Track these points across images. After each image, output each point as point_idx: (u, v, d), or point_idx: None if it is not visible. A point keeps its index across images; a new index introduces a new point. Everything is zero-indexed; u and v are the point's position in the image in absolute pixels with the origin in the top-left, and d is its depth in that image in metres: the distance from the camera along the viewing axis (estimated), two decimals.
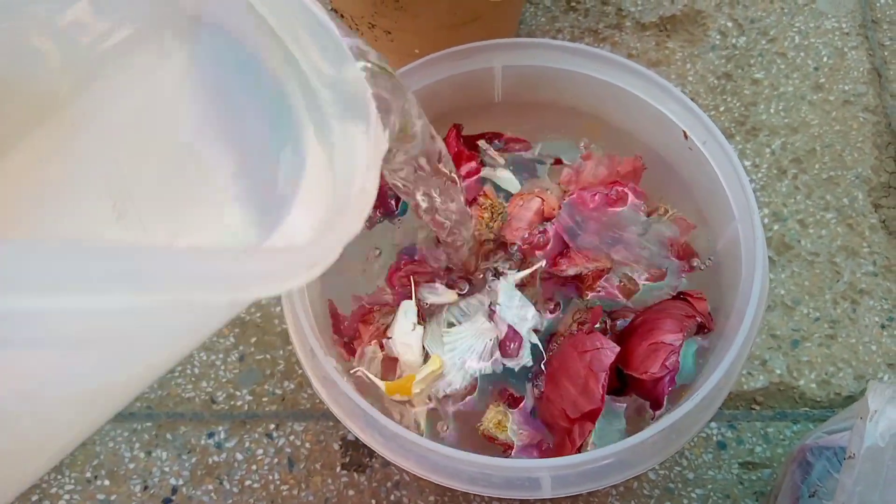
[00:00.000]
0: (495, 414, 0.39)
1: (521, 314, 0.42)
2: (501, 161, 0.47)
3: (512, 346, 0.41)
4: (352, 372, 0.40)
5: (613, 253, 0.43)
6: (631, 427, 0.39)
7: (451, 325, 0.42)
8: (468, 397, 0.41)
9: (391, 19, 0.51)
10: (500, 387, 0.41)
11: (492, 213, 0.44)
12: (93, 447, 0.50)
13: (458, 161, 0.46)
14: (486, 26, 0.54)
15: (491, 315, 0.42)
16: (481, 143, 0.47)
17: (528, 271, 0.43)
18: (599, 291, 0.42)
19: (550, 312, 0.42)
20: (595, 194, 0.44)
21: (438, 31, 0.53)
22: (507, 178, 0.47)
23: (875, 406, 0.38)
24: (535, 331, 0.42)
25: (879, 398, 0.38)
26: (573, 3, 0.65)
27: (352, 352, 0.41)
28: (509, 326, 0.41)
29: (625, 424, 0.39)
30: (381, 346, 0.41)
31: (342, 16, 0.56)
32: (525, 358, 0.41)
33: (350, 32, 0.26)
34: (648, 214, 0.45)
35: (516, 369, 0.41)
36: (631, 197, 0.45)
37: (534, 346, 0.41)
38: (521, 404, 0.40)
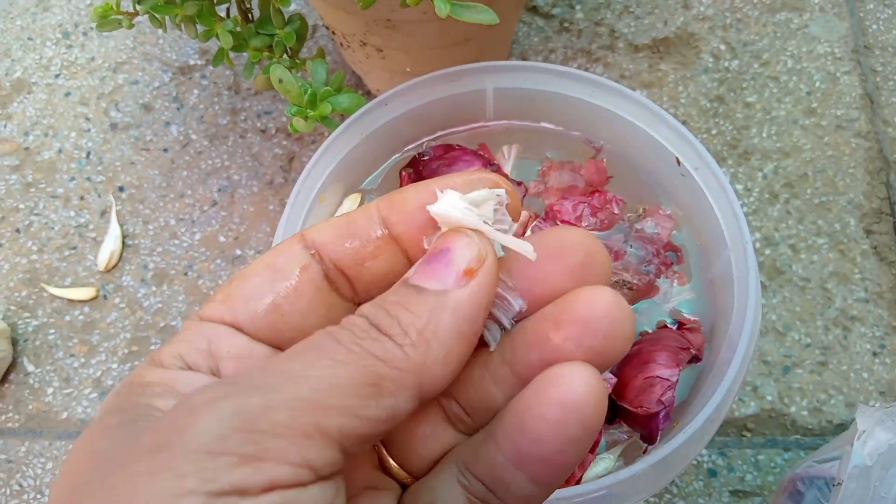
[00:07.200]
0: None
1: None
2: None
3: None
4: None
5: None
6: (623, 455, 0.38)
7: None
8: None
9: (383, 38, 0.51)
10: None
11: None
12: None
13: None
14: (479, 46, 0.54)
15: None
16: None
17: None
18: None
19: None
20: (577, 203, 0.43)
21: (430, 50, 0.52)
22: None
23: (864, 426, 0.38)
24: None
25: (868, 419, 0.38)
26: (566, 24, 0.65)
27: None
28: None
29: (619, 451, 0.38)
30: None
31: (334, 33, 0.55)
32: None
33: None
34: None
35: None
36: (613, 203, 0.43)
37: None
38: None
